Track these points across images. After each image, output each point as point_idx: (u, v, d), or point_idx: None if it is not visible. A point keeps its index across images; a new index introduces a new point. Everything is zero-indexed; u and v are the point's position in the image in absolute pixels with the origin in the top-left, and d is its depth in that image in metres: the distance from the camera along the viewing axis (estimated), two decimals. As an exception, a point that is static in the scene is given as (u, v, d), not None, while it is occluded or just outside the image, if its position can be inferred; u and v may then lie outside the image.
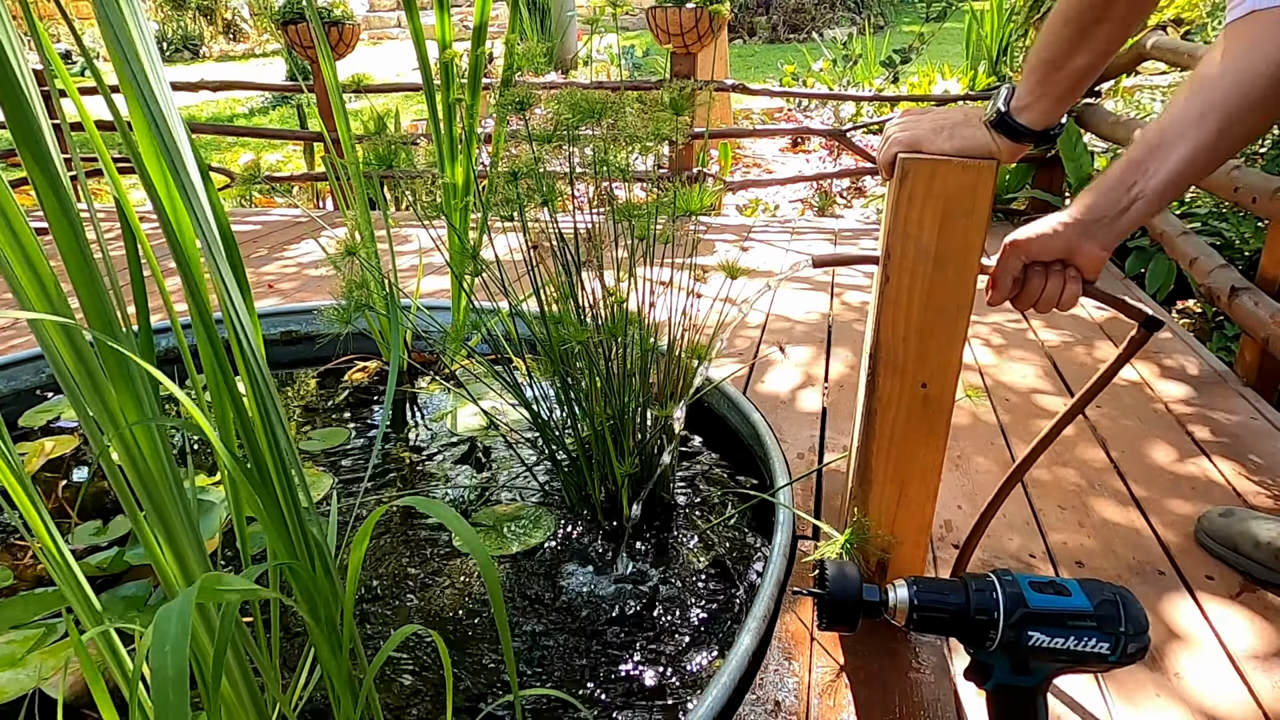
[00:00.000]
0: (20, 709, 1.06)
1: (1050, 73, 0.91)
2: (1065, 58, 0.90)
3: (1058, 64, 0.90)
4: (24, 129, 0.58)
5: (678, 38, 3.59)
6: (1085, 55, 0.90)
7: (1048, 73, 0.91)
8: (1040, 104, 0.92)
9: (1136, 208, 0.80)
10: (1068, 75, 0.91)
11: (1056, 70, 0.91)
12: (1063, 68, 0.90)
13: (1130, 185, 0.80)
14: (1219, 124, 0.76)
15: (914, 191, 0.90)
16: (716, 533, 1.42)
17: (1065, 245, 0.83)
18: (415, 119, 6.41)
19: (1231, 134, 0.76)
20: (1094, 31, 0.89)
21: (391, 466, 1.68)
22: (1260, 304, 1.83)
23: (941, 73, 6.05)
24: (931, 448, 1.02)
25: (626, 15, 9.83)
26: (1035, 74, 0.92)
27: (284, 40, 3.90)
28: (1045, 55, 0.91)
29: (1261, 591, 1.20)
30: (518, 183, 1.21)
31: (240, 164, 6.15)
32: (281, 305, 2.40)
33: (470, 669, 1.14)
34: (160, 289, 0.80)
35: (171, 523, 0.74)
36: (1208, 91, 0.76)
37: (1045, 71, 0.91)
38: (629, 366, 1.33)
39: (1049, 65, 0.91)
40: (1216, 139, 0.77)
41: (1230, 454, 1.58)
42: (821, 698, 1.02)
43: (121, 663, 0.77)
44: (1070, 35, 0.89)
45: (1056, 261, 0.84)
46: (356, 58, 8.29)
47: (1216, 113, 0.76)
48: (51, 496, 1.57)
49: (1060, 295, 0.85)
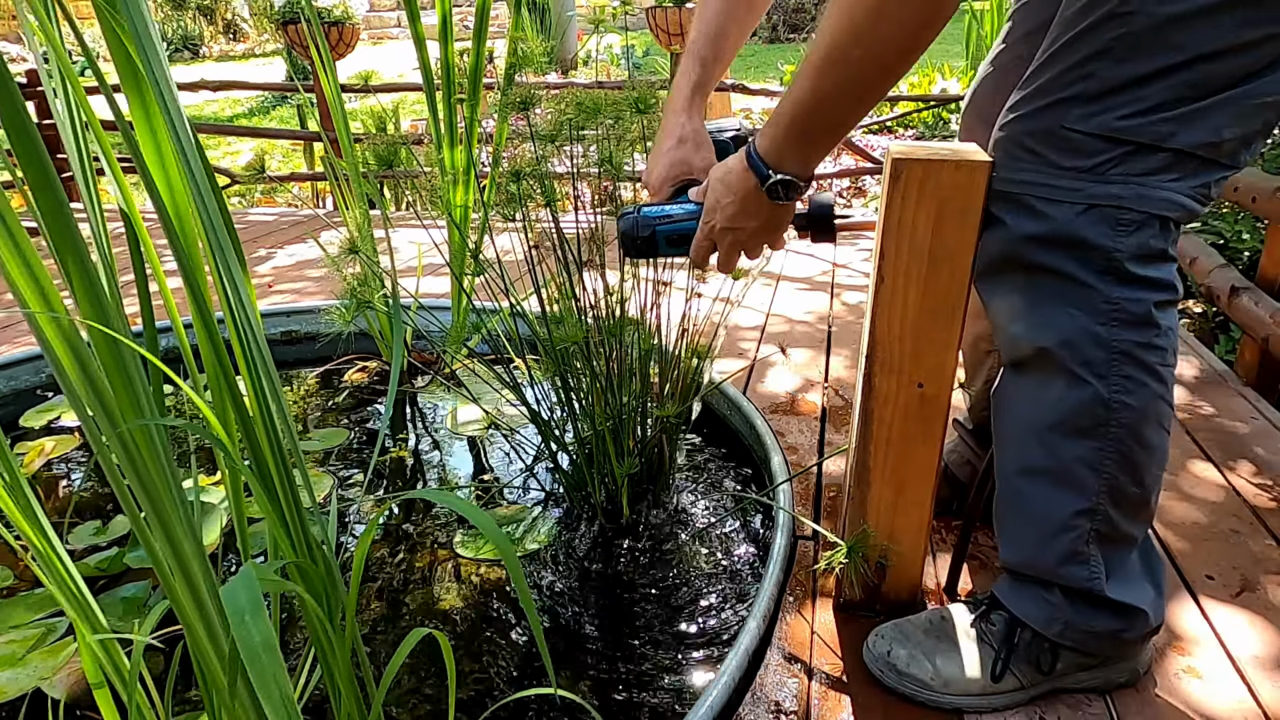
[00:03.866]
0: (20, 709, 1.06)
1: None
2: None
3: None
4: (18, 127, 0.58)
5: (678, 37, 3.59)
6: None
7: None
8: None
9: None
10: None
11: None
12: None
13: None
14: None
15: (907, 191, 0.90)
16: (716, 533, 1.42)
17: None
18: (415, 119, 6.41)
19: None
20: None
21: (392, 466, 1.68)
22: (1260, 304, 1.83)
23: (941, 73, 6.05)
24: (929, 448, 1.02)
25: (627, 15, 9.83)
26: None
27: (284, 40, 3.90)
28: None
29: (1262, 591, 1.20)
30: (520, 182, 1.22)
31: (240, 165, 6.15)
32: (281, 305, 2.40)
33: (470, 668, 1.14)
34: (161, 288, 0.80)
35: (170, 523, 0.74)
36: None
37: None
38: (629, 366, 1.34)
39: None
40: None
41: (1230, 454, 1.58)
42: (821, 698, 1.02)
43: (120, 665, 0.77)
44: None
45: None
46: (357, 58, 8.29)
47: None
48: (51, 496, 1.57)
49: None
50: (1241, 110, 0.79)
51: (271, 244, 3.28)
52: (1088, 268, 0.85)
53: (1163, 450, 0.92)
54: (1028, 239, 0.87)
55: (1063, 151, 0.83)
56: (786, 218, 0.96)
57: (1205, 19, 0.76)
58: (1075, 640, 0.97)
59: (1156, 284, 0.85)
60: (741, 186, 0.91)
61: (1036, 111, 0.85)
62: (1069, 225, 0.84)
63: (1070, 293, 0.87)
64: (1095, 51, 0.80)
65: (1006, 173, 0.88)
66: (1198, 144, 0.80)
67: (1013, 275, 0.91)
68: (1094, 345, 0.87)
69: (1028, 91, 0.86)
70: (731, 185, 0.92)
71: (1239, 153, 0.83)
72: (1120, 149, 0.81)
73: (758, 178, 0.89)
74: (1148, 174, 0.81)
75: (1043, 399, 0.92)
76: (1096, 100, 0.81)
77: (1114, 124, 0.81)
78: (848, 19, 0.76)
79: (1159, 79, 0.78)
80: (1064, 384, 0.89)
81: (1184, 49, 0.77)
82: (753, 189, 0.90)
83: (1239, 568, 1.25)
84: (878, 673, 1.03)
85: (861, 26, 0.76)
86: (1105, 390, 0.87)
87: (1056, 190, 0.84)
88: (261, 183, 4.83)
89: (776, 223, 0.95)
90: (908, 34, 0.76)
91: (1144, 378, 0.87)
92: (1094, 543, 0.93)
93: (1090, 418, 0.89)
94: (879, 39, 0.76)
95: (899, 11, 0.74)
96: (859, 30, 0.76)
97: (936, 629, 1.03)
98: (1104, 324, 0.86)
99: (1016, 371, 0.95)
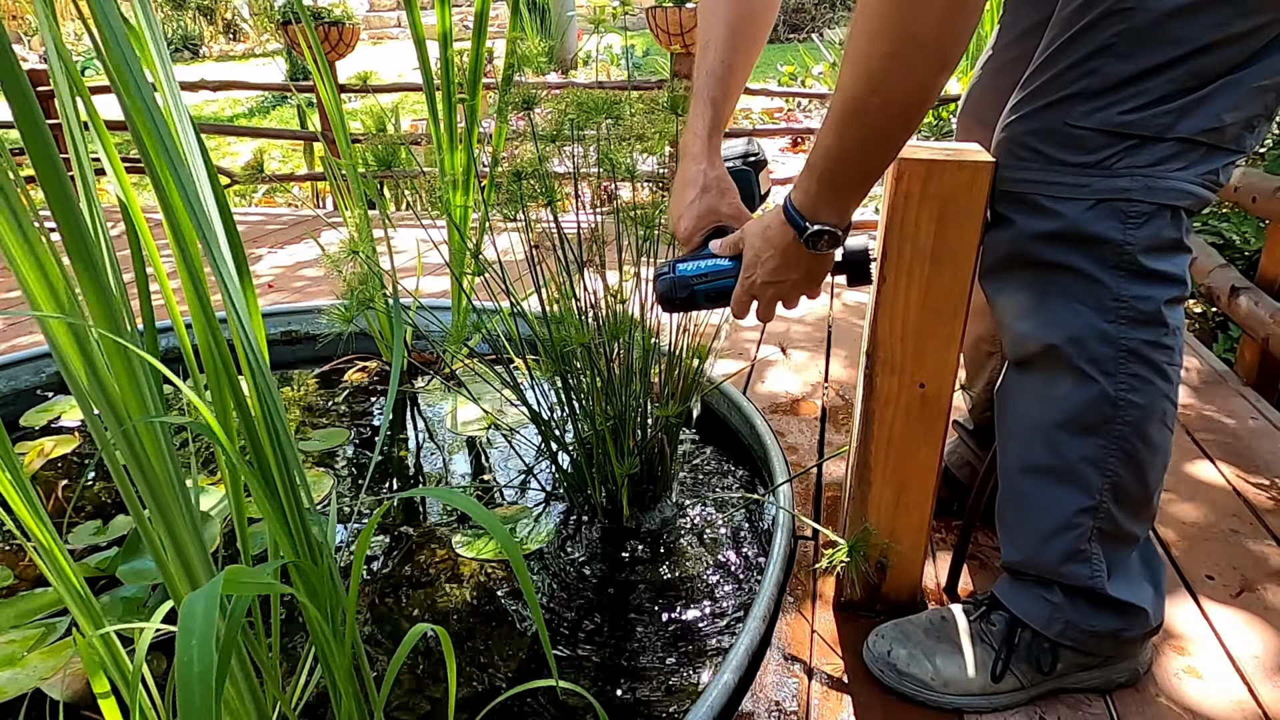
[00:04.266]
0: (20, 709, 1.06)
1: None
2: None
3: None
4: (32, 126, 0.58)
5: (678, 38, 3.60)
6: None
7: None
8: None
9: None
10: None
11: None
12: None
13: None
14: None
15: (910, 192, 0.90)
16: (715, 533, 1.42)
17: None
18: (415, 119, 6.41)
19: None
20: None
21: (392, 467, 1.68)
22: (1260, 303, 1.83)
23: (941, 73, 6.04)
24: (930, 448, 1.02)
25: (627, 15, 9.83)
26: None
27: (284, 40, 3.90)
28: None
29: (1262, 591, 1.20)
30: (521, 182, 1.22)
31: (240, 165, 6.15)
32: (281, 305, 2.40)
33: (470, 668, 1.14)
34: (163, 287, 0.80)
35: (174, 521, 0.74)
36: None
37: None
38: (630, 366, 1.34)
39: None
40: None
41: (1230, 454, 1.58)
42: (821, 698, 1.02)
43: (121, 664, 0.77)
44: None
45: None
46: (357, 57, 8.29)
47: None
48: (51, 496, 1.57)
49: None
50: (1242, 95, 0.80)
51: (271, 244, 3.28)
52: (1099, 263, 0.85)
53: (1166, 449, 0.92)
54: (1037, 236, 0.87)
55: (1067, 148, 0.83)
56: (826, 267, 0.96)
57: (1206, 11, 0.76)
58: (1076, 640, 0.97)
59: (1168, 279, 0.85)
60: (781, 240, 0.92)
61: (1039, 110, 0.85)
62: (1079, 221, 0.84)
63: (1078, 289, 0.87)
64: (1097, 48, 0.80)
65: (1012, 172, 0.88)
66: (1200, 131, 0.80)
67: (1020, 273, 0.91)
68: (1101, 342, 0.87)
69: (1029, 91, 0.86)
70: (771, 240, 0.93)
71: (1243, 137, 0.83)
72: (1125, 143, 0.81)
73: (795, 230, 0.89)
74: (1154, 165, 0.81)
75: (1048, 396, 0.92)
76: (1099, 96, 0.81)
77: (1117, 119, 0.81)
78: (864, 69, 0.76)
79: (1161, 72, 0.79)
80: (1070, 381, 0.89)
81: (1184, 42, 0.77)
82: (791, 242, 0.90)
83: (1239, 568, 1.25)
84: (878, 672, 1.03)
85: (878, 76, 0.76)
86: (1112, 388, 0.87)
87: (1063, 187, 0.84)
88: (261, 183, 4.83)
89: (817, 273, 0.96)
90: (923, 80, 0.76)
91: (1151, 376, 0.87)
92: (1096, 541, 0.93)
93: (1096, 415, 0.89)
94: (896, 87, 0.76)
95: (913, 57, 0.74)
96: (875, 80, 0.76)
97: (937, 629, 1.03)
98: (1112, 321, 0.86)
99: (1021, 369, 0.95)
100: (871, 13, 0.74)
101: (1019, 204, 0.88)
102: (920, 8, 0.71)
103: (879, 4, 0.73)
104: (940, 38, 0.73)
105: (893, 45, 0.73)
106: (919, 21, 0.72)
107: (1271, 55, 0.79)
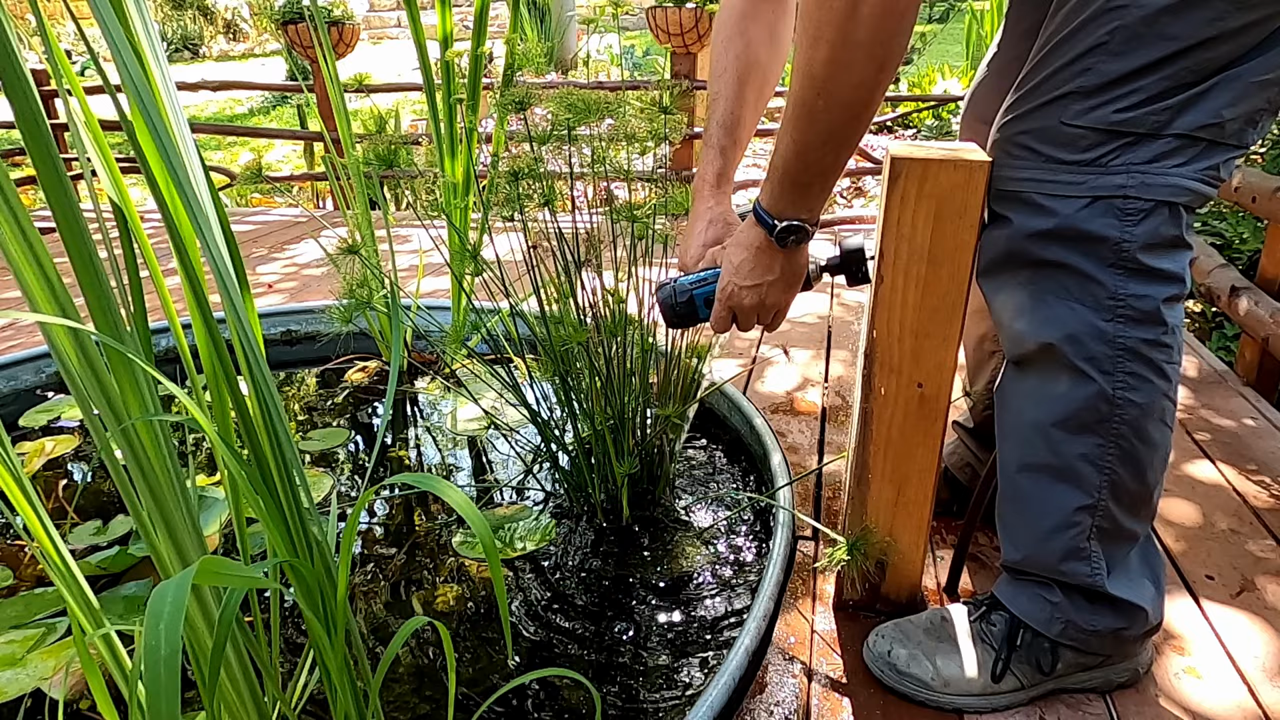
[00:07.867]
0: (20, 709, 1.06)
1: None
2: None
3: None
4: (33, 126, 0.58)
5: (677, 37, 3.60)
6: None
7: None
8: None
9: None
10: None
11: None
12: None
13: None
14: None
15: (906, 192, 0.90)
16: (716, 533, 1.42)
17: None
18: (416, 119, 6.41)
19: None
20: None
21: (391, 466, 1.68)
22: (1260, 303, 1.83)
23: (941, 73, 6.05)
24: (928, 448, 1.02)
25: (626, 15, 9.84)
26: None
27: (284, 40, 3.91)
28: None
29: (1262, 591, 1.20)
30: (518, 182, 1.22)
31: (240, 164, 6.15)
32: (281, 305, 2.40)
33: (470, 669, 1.14)
34: (159, 288, 0.80)
35: (173, 519, 0.74)
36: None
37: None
38: (629, 366, 1.34)
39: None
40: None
41: (1230, 454, 1.58)
42: (821, 698, 1.02)
43: (121, 663, 0.77)
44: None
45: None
46: (357, 57, 8.29)
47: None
48: (51, 496, 1.57)
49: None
50: (1241, 90, 0.79)
51: (271, 244, 3.28)
52: (1096, 261, 0.85)
53: (1165, 447, 0.92)
54: (1033, 235, 0.87)
55: (1062, 147, 0.83)
56: (800, 270, 1.00)
57: (1199, 7, 0.76)
58: (1076, 639, 0.97)
59: (1167, 277, 0.85)
60: (753, 241, 0.96)
61: (1034, 110, 0.85)
62: (1074, 219, 0.84)
63: (1075, 287, 0.87)
64: (1091, 47, 0.80)
65: (1007, 172, 0.88)
66: (1199, 126, 0.80)
67: (1017, 272, 0.91)
68: (1098, 340, 0.87)
69: (1024, 91, 0.86)
70: (744, 242, 0.97)
71: (1245, 132, 0.83)
72: (1121, 140, 0.81)
73: (765, 229, 0.94)
74: (1151, 161, 0.81)
75: (1046, 395, 0.92)
76: (1094, 95, 0.81)
77: (1112, 117, 0.81)
78: (807, 73, 0.80)
79: (1156, 69, 0.79)
80: (1068, 380, 0.89)
81: (1178, 38, 0.77)
82: (763, 241, 0.95)
83: (1239, 568, 1.25)
84: (878, 672, 1.03)
85: (820, 79, 0.80)
86: (1109, 386, 0.87)
87: (1059, 185, 0.84)
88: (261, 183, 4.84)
89: (791, 276, 0.99)
90: (863, 80, 0.79)
91: (1149, 375, 0.87)
92: (1095, 539, 0.93)
93: (1093, 413, 0.89)
94: (838, 88, 0.80)
95: (851, 58, 0.78)
96: (818, 83, 0.80)
97: (937, 629, 1.03)
98: (1109, 319, 0.86)
99: (1019, 368, 0.95)
100: (811, 19, 0.77)
101: (1015, 203, 0.88)
102: (853, 12, 0.75)
103: (817, 10, 0.76)
104: (875, 39, 0.76)
105: (831, 50, 0.77)
106: (853, 25, 0.75)
107: (1271, 50, 0.78)
